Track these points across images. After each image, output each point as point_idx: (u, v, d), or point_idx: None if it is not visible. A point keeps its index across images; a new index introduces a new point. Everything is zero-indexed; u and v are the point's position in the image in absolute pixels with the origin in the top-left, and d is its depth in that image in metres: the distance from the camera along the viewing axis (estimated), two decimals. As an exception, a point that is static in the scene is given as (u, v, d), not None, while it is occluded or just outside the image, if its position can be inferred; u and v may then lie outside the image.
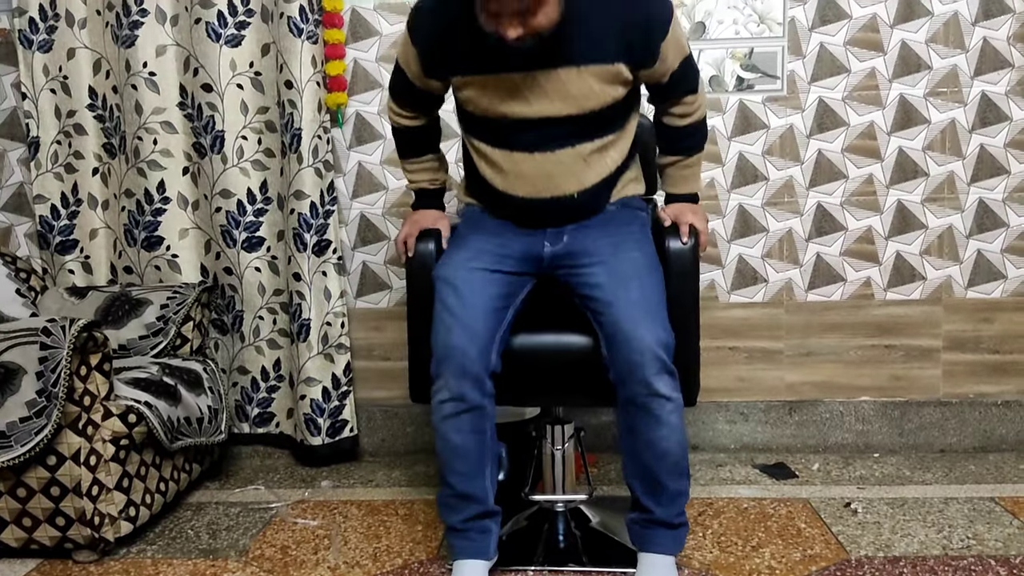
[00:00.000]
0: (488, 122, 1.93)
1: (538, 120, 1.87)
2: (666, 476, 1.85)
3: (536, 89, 1.84)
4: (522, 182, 1.93)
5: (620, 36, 1.82)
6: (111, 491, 2.09)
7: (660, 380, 1.79)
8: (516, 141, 1.91)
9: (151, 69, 2.64)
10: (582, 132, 1.90)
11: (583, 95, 1.85)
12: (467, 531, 1.92)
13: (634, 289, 1.85)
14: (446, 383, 1.84)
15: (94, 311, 2.51)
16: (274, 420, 2.81)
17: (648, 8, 1.84)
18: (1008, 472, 2.55)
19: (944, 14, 2.57)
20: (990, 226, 2.66)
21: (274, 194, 2.70)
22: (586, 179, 1.94)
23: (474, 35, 1.78)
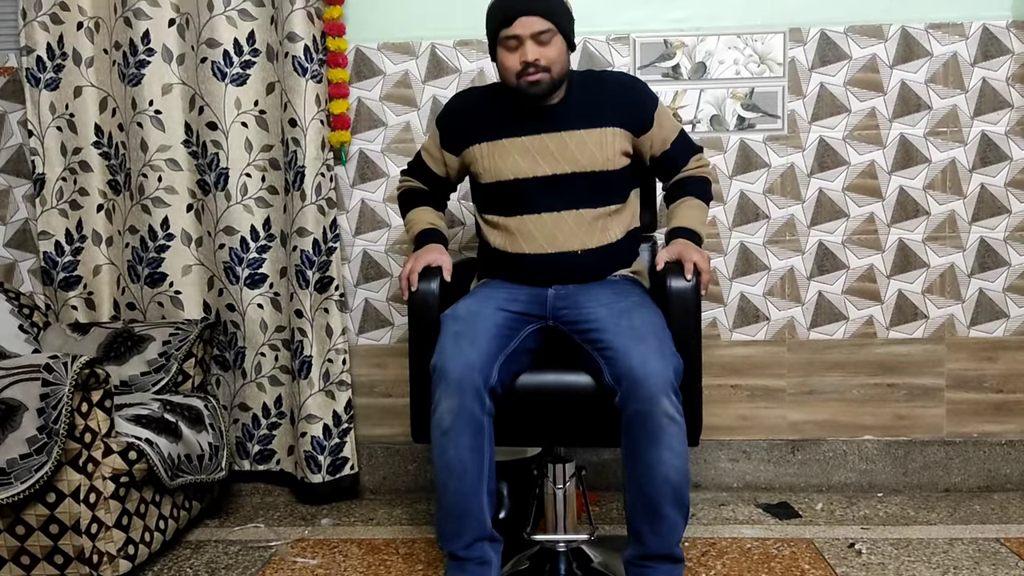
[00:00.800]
0: (500, 188, 2.09)
1: (545, 179, 2.06)
2: (666, 504, 1.83)
3: (544, 151, 2.06)
4: (529, 240, 2.08)
5: (615, 107, 2.08)
6: (110, 529, 2.07)
7: (665, 399, 1.79)
8: (525, 204, 2.08)
9: (157, 107, 2.67)
10: (585, 196, 2.07)
11: (584, 155, 2.05)
12: (466, 561, 1.88)
13: (635, 318, 1.91)
14: (445, 394, 1.85)
15: (96, 347, 2.51)
16: (275, 457, 2.80)
17: (637, 88, 2.15)
18: (1013, 512, 2.53)
19: (943, 55, 2.60)
20: (992, 265, 2.66)
21: (277, 231, 2.71)
22: (589, 241, 2.08)
23: (490, 111, 2.11)
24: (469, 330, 1.92)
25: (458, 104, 2.20)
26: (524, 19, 1.96)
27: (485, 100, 2.15)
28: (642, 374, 1.80)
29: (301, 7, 2.52)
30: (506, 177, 2.08)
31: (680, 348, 1.93)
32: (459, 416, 1.83)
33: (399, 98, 2.70)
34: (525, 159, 2.07)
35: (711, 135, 2.66)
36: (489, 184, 2.12)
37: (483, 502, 1.87)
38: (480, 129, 2.11)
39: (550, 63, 1.99)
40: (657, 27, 2.63)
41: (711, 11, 2.62)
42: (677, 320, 1.95)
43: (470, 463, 1.85)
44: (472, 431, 1.84)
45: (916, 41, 2.60)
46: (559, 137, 2.06)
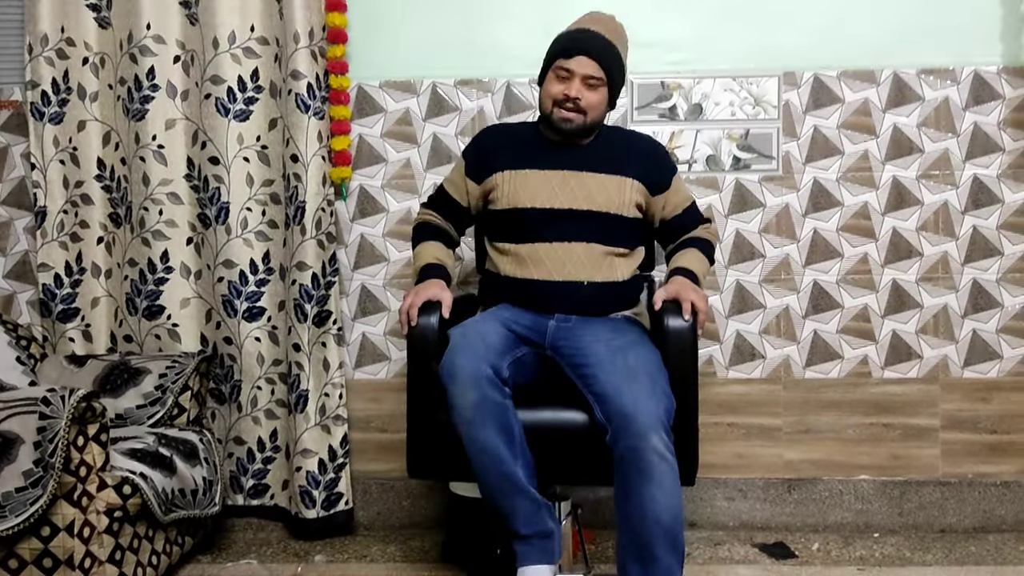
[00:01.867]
0: (514, 215, 2.15)
1: (560, 211, 2.12)
2: (658, 546, 1.82)
3: (564, 186, 2.14)
4: (538, 266, 2.13)
5: (637, 163, 2.18)
6: (103, 564, 2.06)
7: (656, 436, 1.81)
8: (538, 233, 2.13)
9: (160, 142, 2.70)
10: (597, 233, 2.13)
11: (602, 196, 2.13)
12: (529, 538, 1.92)
13: (631, 356, 1.95)
14: (461, 389, 1.90)
15: (92, 380, 2.51)
16: (269, 492, 2.79)
17: (661, 151, 2.29)
18: (1008, 554, 2.53)
19: (935, 99, 2.64)
20: (985, 306, 2.68)
21: (276, 265, 2.73)
22: (596, 274, 2.12)
23: (517, 142, 2.21)
24: (475, 331, 2.03)
25: (488, 134, 2.32)
26: (583, 58, 2.07)
27: (515, 133, 2.27)
28: (632, 411, 1.82)
29: (305, 46, 2.56)
30: (522, 204, 2.14)
31: (676, 387, 1.94)
32: (480, 406, 1.88)
33: (400, 135, 2.74)
34: (544, 190, 2.14)
35: (707, 175, 2.69)
36: (504, 210, 2.17)
37: (523, 477, 1.91)
38: (506, 158, 2.20)
39: (589, 107, 2.09)
40: (654, 69, 2.67)
41: (707, 54, 2.66)
42: (674, 359, 1.97)
43: (500, 443, 1.89)
44: (496, 415, 1.89)
45: (908, 86, 2.65)
46: (580, 176, 2.14)
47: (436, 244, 2.28)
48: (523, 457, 1.93)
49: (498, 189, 2.18)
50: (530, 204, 2.14)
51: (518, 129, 2.30)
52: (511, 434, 1.91)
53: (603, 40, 2.10)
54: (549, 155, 2.17)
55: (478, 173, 2.23)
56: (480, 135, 2.33)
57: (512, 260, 2.16)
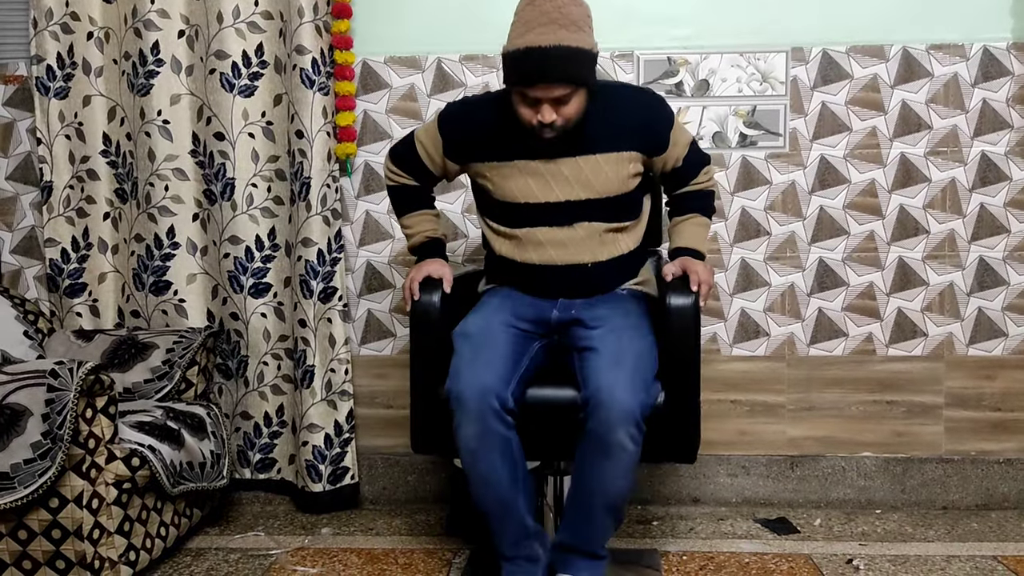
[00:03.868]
0: (511, 207, 2.06)
1: (557, 204, 2.03)
2: (597, 509, 1.91)
3: (557, 175, 2.01)
4: (539, 251, 2.06)
5: (632, 130, 2.03)
6: (112, 535, 2.08)
7: (622, 429, 1.83)
8: (537, 221, 2.05)
9: (165, 117, 2.70)
10: (597, 215, 2.04)
11: (599, 181, 2.02)
12: (516, 559, 1.96)
13: (624, 339, 1.95)
14: (466, 420, 1.88)
15: (100, 354, 2.52)
16: (275, 466, 2.81)
17: (654, 108, 2.09)
18: (1010, 530, 2.54)
19: (944, 75, 2.63)
20: (991, 284, 2.68)
21: (282, 241, 2.73)
22: (600, 254, 2.06)
23: (501, 128, 2.02)
24: (483, 352, 1.94)
25: (466, 113, 2.11)
26: (545, 85, 1.87)
27: (495, 113, 2.03)
28: (607, 401, 1.84)
29: (310, 20, 2.55)
30: (516, 199, 2.05)
31: (679, 365, 1.95)
32: (484, 438, 1.88)
33: (405, 111, 2.73)
34: (537, 183, 2.02)
35: (713, 152, 2.67)
36: (499, 201, 2.08)
37: (521, 504, 1.93)
38: (489, 145, 2.05)
39: (568, 119, 1.92)
40: (661, 45, 2.66)
41: (714, 30, 2.65)
42: (676, 337, 1.97)
43: (503, 473, 1.90)
44: (500, 447, 1.89)
45: (917, 62, 2.63)
46: (573, 162, 2.01)
47: (425, 215, 2.21)
48: (524, 487, 1.94)
49: (486, 180, 2.08)
50: (523, 199, 2.03)
51: (498, 107, 2.02)
52: (514, 465, 1.91)
53: (560, 52, 1.84)
54: (538, 141, 1.97)
55: (459, 156, 2.11)
56: (459, 111, 2.12)
57: (510, 243, 2.09)
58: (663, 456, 2.05)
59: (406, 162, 2.17)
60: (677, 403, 1.96)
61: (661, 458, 2.07)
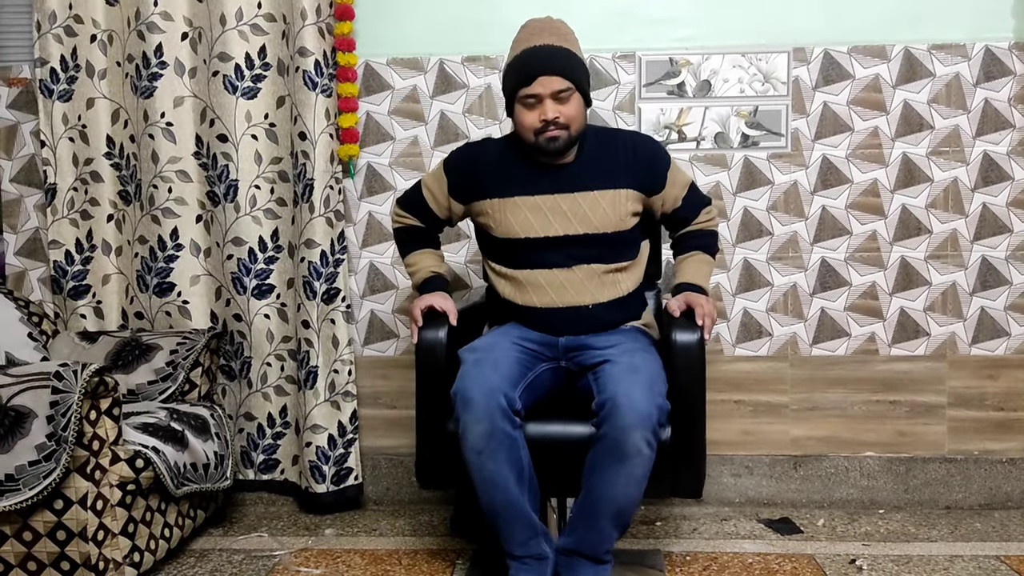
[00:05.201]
0: (512, 244, 2.10)
1: (556, 239, 2.07)
2: (604, 518, 1.91)
3: (556, 211, 2.07)
4: (540, 293, 2.10)
5: (628, 169, 2.10)
6: (116, 536, 2.09)
7: (639, 432, 1.84)
8: (535, 260, 2.09)
9: (168, 119, 2.70)
10: (595, 254, 2.08)
11: (597, 216, 2.07)
12: (524, 558, 1.96)
13: (636, 357, 1.97)
14: (473, 419, 1.89)
15: (104, 356, 2.53)
16: (279, 467, 2.82)
17: (650, 148, 2.15)
18: (1014, 530, 2.54)
19: (946, 75, 2.63)
20: (993, 284, 2.68)
21: (285, 242, 2.74)
22: (600, 295, 2.10)
23: (503, 167, 2.10)
24: (489, 357, 1.98)
25: (470, 154, 2.19)
26: (544, 78, 1.97)
27: (498, 154, 2.14)
28: (625, 403, 1.85)
29: (312, 23, 2.56)
30: (516, 235, 2.09)
31: (685, 400, 1.95)
32: (492, 437, 1.89)
33: (407, 113, 2.74)
34: (537, 218, 2.08)
35: (715, 152, 2.68)
36: (500, 239, 2.13)
37: (527, 503, 1.94)
38: (491, 183, 2.12)
39: (569, 120, 2.00)
40: (663, 45, 2.66)
41: (716, 30, 2.65)
42: (681, 372, 1.96)
43: (510, 474, 1.91)
44: (507, 447, 1.90)
45: (919, 61, 2.63)
46: (572, 198, 2.07)
47: (429, 253, 2.26)
48: (530, 487, 1.95)
49: (488, 217, 2.13)
50: (523, 234, 2.08)
51: (500, 148, 2.15)
52: (520, 466, 1.92)
53: (555, 49, 1.99)
54: (537, 177, 2.08)
55: (463, 195, 2.17)
56: (463, 153, 2.20)
57: (511, 284, 2.14)
58: (669, 491, 2.04)
59: (412, 205, 2.25)
60: (683, 438, 1.96)
61: (667, 493, 2.06)
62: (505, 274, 2.14)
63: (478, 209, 2.15)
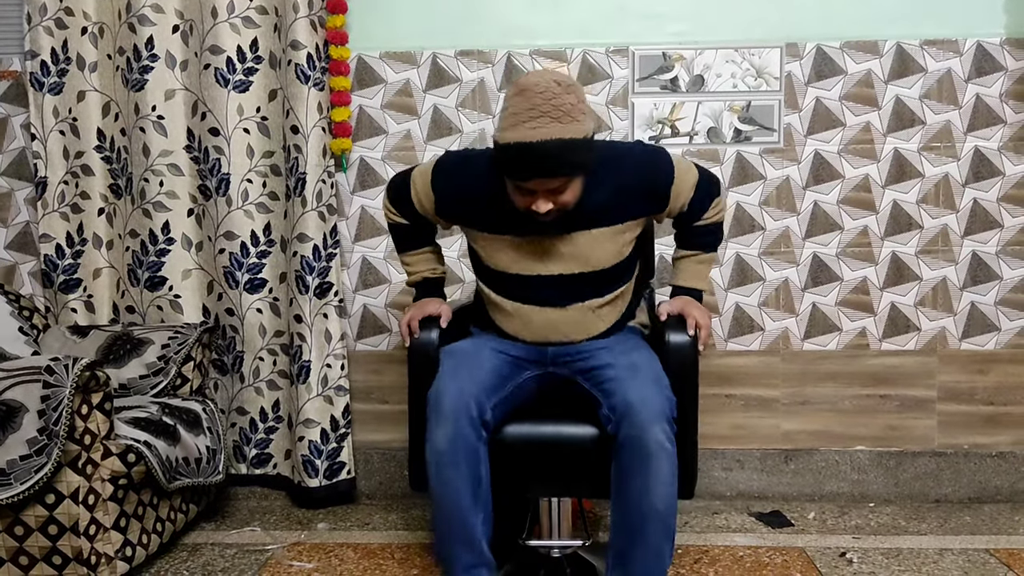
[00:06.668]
0: (502, 277, 2.01)
1: (550, 277, 1.96)
2: (651, 530, 1.82)
3: (552, 251, 1.95)
4: (530, 330, 2.02)
5: (629, 199, 1.96)
6: (108, 531, 2.08)
7: (658, 427, 1.79)
8: (528, 296, 2.00)
9: (160, 112, 2.69)
10: (592, 290, 1.99)
11: (595, 255, 1.96)
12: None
13: (635, 356, 1.95)
14: (440, 421, 1.84)
15: (95, 350, 2.52)
16: (272, 461, 2.81)
17: (652, 171, 1.98)
18: (1003, 524, 2.56)
19: (938, 71, 2.64)
20: (984, 279, 2.69)
21: (277, 237, 2.73)
22: (594, 328, 2.02)
23: (494, 197, 1.92)
24: (467, 364, 1.93)
25: (461, 171, 2.02)
26: (539, 180, 1.78)
27: (490, 178, 1.91)
28: (638, 401, 1.81)
29: (304, 15, 2.55)
30: (504, 269, 1.99)
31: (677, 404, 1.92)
32: (454, 442, 1.83)
33: (400, 106, 2.73)
34: (529, 258, 1.96)
35: (708, 147, 2.69)
36: (488, 268, 2.03)
37: (478, 529, 1.86)
38: (481, 215, 1.98)
39: (564, 206, 1.84)
40: (656, 40, 2.66)
41: (710, 25, 2.65)
42: (675, 373, 1.95)
43: (465, 490, 1.84)
44: (467, 457, 1.83)
45: (911, 57, 2.64)
46: (570, 238, 1.94)
47: (424, 255, 2.19)
48: (484, 508, 1.86)
49: (477, 245, 2.03)
50: (514, 271, 1.97)
51: (491, 175, 1.90)
52: (478, 481, 1.84)
53: (555, 146, 1.72)
54: (531, 218, 1.86)
55: (450, 216, 2.06)
56: (452, 171, 2.02)
57: (499, 311, 2.05)
58: None
59: (401, 203, 2.11)
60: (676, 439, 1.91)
61: None
62: (494, 300, 2.05)
63: (467, 234, 2.07)
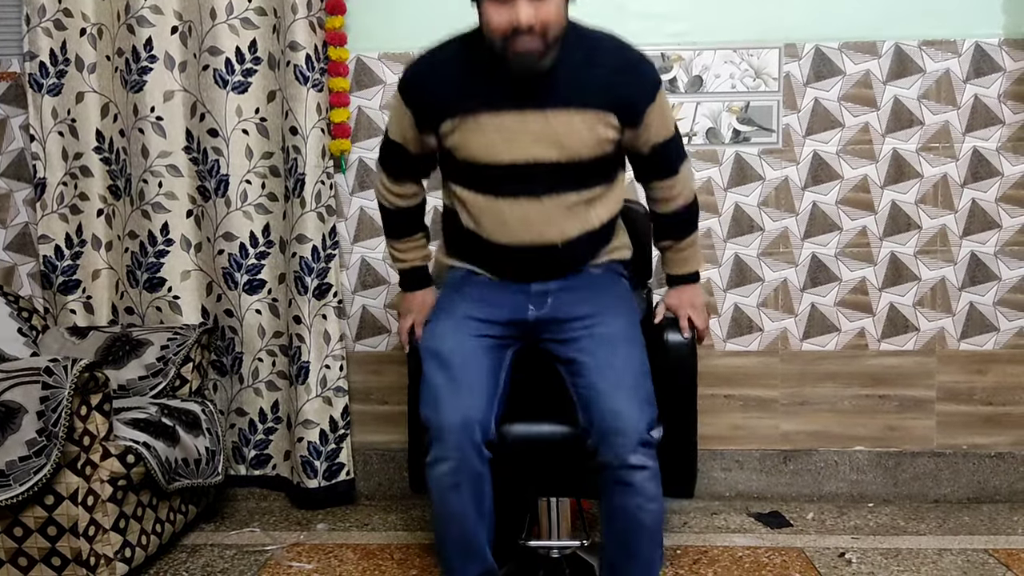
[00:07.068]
0: (475, 169, 1.85)
1: (526, 165, 1.81)
2: (642, 545, 1.81)
3: (526, 132, 1.80)
4: (504, 229, 1.86)
5: (610, 88, 1.81)
6: (108, 532, 2.09)
7: (637, 453, 1.75)
8: (502, 187, 1.84)
9: (158, 113, 2.69)
10: (568, 181, 1.84)
11: (571, 140, 1.80)
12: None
13: (619, 355, 1.83)
14: (443, 452, 1.76)
15: (95, 351, 2.52)
16: (271, 462, 2.82)
17: (638, 66, 1.86)
18: (1002, 524, 2.56)
19: (936, 71, 2.64)
20: (982, 279, 2.69)
21: (276, 238, 2.73)
22: (569, 229, 1.87)
23: (464, 79, 1.82)
24: (462, 377, 1.80)
25: (423, 72, 1.89)
26: None
27: (457, 63, 1.84)
28: (617, 426, 1.74)
29: (303, 16, 2.55)
30: (478, 159, 1.83)
31: (677, 400, 1.92)
32: (460, 473, 1.76)
33: (399, 107, 2.73)
34: (502, 139, 1.80)
35: (707, 148, 2.69)
36: (462, 161, 1.86)
37: (484, 540, 1.83)
38: (451, 99, 1.83)
39: (546, 25, 1.69)
40: (655, 40, 2.66)
41: (708, 26, 2.65)
42: (673, 373, 1.93)
43: (472, 511, 1.80)
44: (473, 484, 1.78)
45: (909, 58, 2.64)
46: (544, 117, 1.79)
47: (415, 243, 2.08)
48: (488, 519, 1.82)
49: (453, 137, 1.85)
50: (487, 158, 1.81)
51: (459, 55, 1.84)
52: (482, 501, 1.80)
53: None
54: (504, 89, 1.77)
55: (428, 121, 1.87)
56: (417, 72, 1.89)
57: (475, 216, 1.88)
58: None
59: (393, 165, 2.00)
60: (675, 438, 1.92)
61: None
62: (468, 202, 1.88)
63: (445, 130, 1.85)
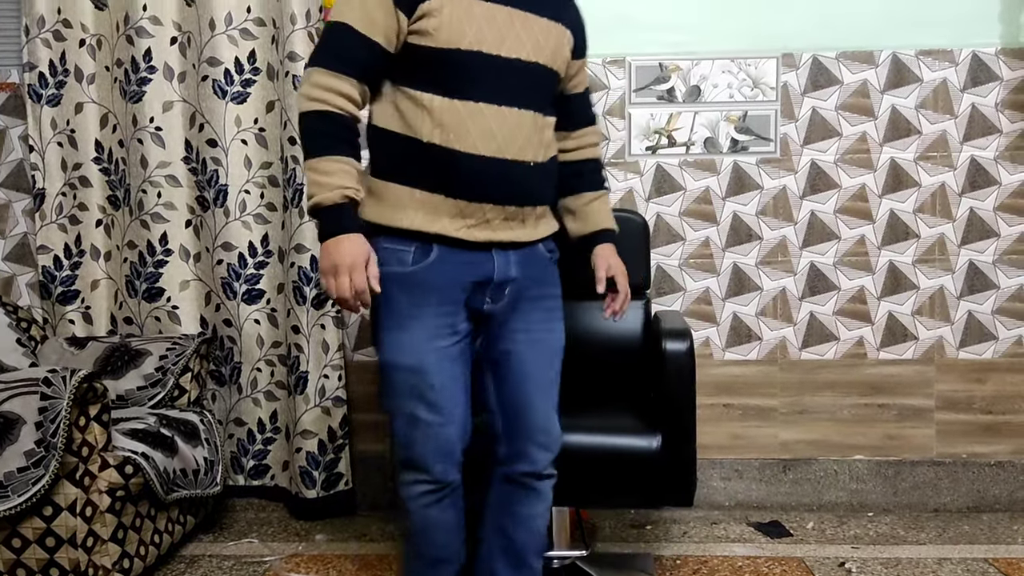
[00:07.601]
0: (454, 59, 1.64)
1: (510, 63, 1.68)
2: (531, 555, 1.84)
3: (510, 26, 1.68)
4: (484, 138, 1.65)
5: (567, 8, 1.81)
6: (106, 543, 2.08)
7: (552, 466, 1.81)
8: (485, 88, 1.66)
9: (157, 124, 2.70)
10: (541, 98, 1.75)
11: (549, 47, 1.74)
12: None
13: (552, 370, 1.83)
14: (429, 475, 1.74)
15: (93, 362, 2.52)
16: (269, 472, 2.81)
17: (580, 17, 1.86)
18: (1002, 533, 2.55)
19: (933, 81, 2.64)
20: (981, 288, 2.70)
21: (275, 247, 2.74)
22: (539, 153, 1.74)
23: None
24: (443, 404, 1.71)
25: None
26: None
27: None
28: (543, 442, 1.78)
29: (302, 27, 2.56)
30: (466, 46, 1.64)
31: (675, 410, 1.94)
32: (442, 490, 1.75)
33: (397, 117, 2.73)
34: (491, 30, 1.66)
35: (705, 157, 2.69)
36: (440, 50, 1.63)
37: (462, 543, 1.83)
38: None
39: None
40: (653, 51, 2.67)
41: (706, 36, 2.66)
42: (672, 385, 1.94)
43: (452, 520, 1.79)
44: (454, 496, 1.78)
45: (907, 67, 2.65)
46: (526, 18, 1.70)
47: (348, 164, 1.64)
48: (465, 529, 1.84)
49: (433, 18, 1.62)
50: (476, 46, 1.64)
51: None
52: (460, 512, 1.80)
53: None
54: None
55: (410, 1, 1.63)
56: None
57: (440, 122, 1.64)
58: (660, 501, 2.03)
59: (345, 60, 1.64)
60: (674, 448, 1.95)
61: (658, 503, 2.06)
62: (436, 107, 1.63)
63: (420, 13, 1.62)
